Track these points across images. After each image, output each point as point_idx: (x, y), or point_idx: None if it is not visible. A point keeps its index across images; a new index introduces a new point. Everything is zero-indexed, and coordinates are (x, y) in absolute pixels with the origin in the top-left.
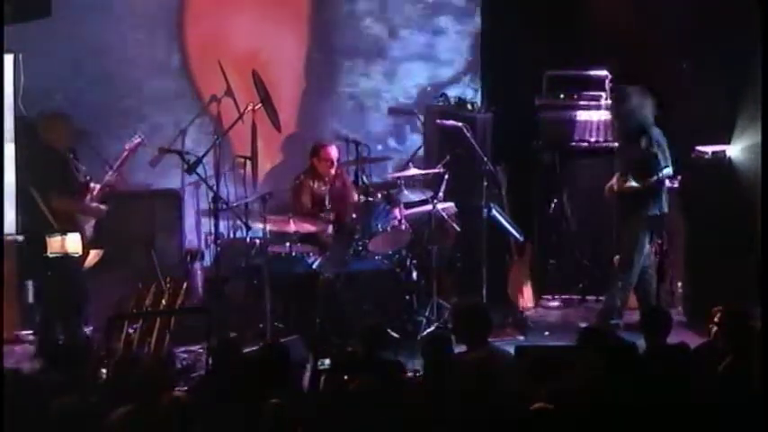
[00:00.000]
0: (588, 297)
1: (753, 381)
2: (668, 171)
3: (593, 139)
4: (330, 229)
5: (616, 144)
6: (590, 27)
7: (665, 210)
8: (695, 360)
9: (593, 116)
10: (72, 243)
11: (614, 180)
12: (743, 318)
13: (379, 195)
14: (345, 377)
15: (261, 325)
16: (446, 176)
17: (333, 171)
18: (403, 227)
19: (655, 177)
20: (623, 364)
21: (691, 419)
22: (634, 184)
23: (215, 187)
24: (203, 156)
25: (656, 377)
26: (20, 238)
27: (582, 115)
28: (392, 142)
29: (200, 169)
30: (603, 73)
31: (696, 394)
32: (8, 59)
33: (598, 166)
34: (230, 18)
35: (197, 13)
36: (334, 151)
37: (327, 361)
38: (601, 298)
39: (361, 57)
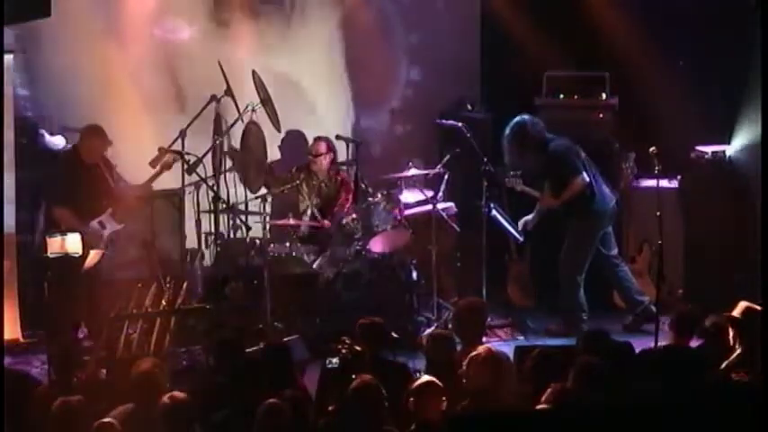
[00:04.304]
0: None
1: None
2: (581, 177)
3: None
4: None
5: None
6: (590, 28)
7: (605, 206)
8: (696, 360)
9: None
10: (72, 243)
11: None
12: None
13: (379, 195)
14: (353, 376)
15: (261, 325)
16: (446, 176)
17: (322, 165)
18: (403, 227)
19: (568, 192)
20: (623, 364)
21: (692, 419)
22: (552, 201)
23: (215, 187)
24: (203, 156)
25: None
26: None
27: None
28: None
29: (199, 169)
30: (603, 74)
31: (696, 394)
32: (8, 60)
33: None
34: None
35: None
36: (321, 146)
37: (336, 360)
38: None
39: (360, 55)
